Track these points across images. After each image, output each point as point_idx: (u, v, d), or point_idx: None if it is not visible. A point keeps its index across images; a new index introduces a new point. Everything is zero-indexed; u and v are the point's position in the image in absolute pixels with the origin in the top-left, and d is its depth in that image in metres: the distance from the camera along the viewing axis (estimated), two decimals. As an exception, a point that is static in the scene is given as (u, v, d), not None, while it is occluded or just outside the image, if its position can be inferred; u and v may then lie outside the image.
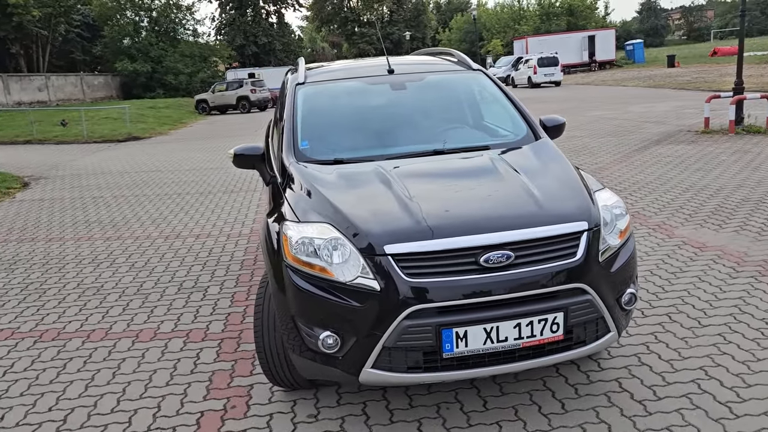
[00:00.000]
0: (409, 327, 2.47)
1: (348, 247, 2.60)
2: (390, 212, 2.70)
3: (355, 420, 2.94)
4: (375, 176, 3.07)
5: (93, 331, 4.24)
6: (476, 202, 2.77)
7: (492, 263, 2.50)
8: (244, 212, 7.62)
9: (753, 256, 4.75)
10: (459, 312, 2.50)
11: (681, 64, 40.37)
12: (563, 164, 3.20)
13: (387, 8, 54.35)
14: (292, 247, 2.72)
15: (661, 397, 2.93)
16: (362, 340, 2.55)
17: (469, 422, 2.86)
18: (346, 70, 4.26)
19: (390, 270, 2.51)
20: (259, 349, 3.03)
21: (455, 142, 3.52)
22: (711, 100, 11.87)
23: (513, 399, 3.02)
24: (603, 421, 2.78)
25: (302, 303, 2.69)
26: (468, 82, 4.11)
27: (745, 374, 3.08)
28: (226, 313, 4.38)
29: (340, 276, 2.58)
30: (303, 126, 3.63)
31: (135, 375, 3.55)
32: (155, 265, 5.68)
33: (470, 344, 2.50)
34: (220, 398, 3.23)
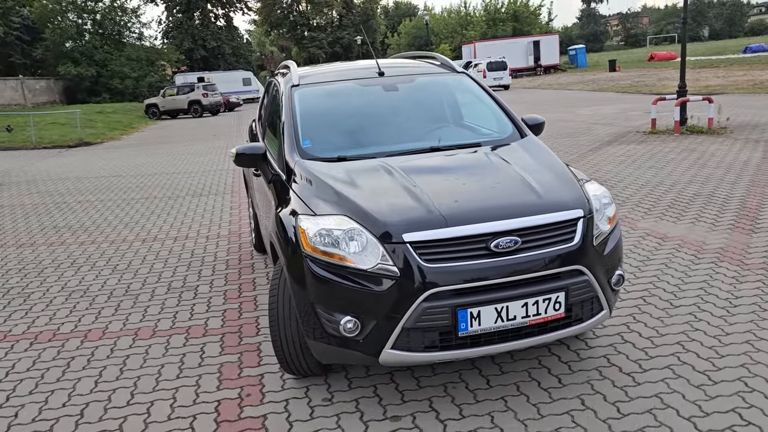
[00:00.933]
0: (428, 308, 2.68)
1: (366, 237, 2.78)
2: (403, 203, 2.90)
3: (368, 401, 3.12)
4: (382, 171, 3.27)
5: (89, 331, 4.28)
6: (482, 193, 2.99)
7: (501, 248, 2.73)
8: (218, 215, 7.67)
9: (710, 245, 5.16)
10: (472, 293, 2.71)
11: (621, 69, 41.96)
12: (552, 158, 3.47)
13: (336, 12, 54.54)
14: (310, 238, 2.89)
15: (646, 369, 3.22)
16: (382, 323, 2.74)
17: (476, 398, 3.08)
18: (337, 73, 4.44)
19: (408, 256, 2.71)
20: (275, 338, 3.18)
21: (448, 140, 3.75)
22: (657, 102, 12.53)
23: (513, 377, 3.25)
24: (598, 392, 3.04)
25: (322, 290, 2.85)
26: (454, 84, 4.35)
27: (717, 346, 3.40)
28: (221, 310, 4.48)
29: (360, 263, 2.76)
30: (303, 126, 3.78)
31: (143, 370, 3.63)
32: (138, 267, 5.70)
33: (483, 323, 2.72)
34: (233, 387, 3.35)
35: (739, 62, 35.58)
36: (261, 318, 4.28)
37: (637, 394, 2.99)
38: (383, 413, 3.01)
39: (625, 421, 2.80)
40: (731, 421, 2.75)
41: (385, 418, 2.96)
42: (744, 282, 4.31)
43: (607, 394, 3.02)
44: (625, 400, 2.96)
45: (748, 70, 29.50)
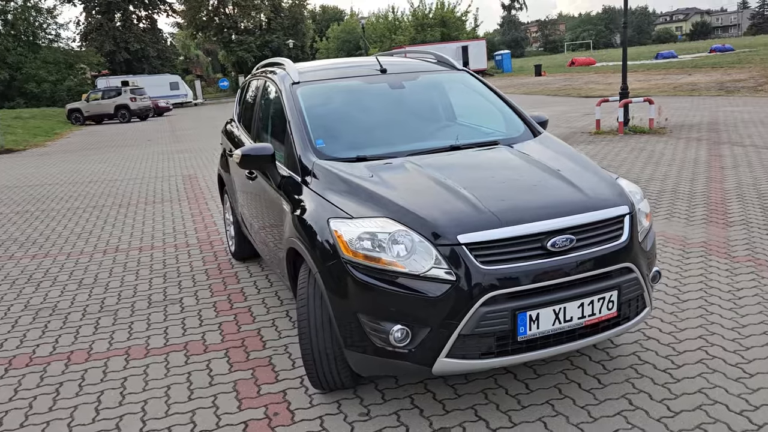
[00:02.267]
0: (487, 313, 2.54)
1: (415, 239, 2.62)
2: (449, 203, 2.76)
3: (409, 414, 2.95)
4: (411, 170, 3.12)
5: (71, 353, 3.89)
6: (527, 192, 2.89)
7: (558, 247, 2.63)
8: (180, 223, 7.26)
9: (693, 239, 5.28)
10: (530, 295, 2.60)
11: (547, 73, 43.36)
12: (579, 155, 3.42)
13: (265, 16, 53.56)
14: (352, 243, 2.70)
15: (679, 364, 3.21)
16: (436, 330, 2.58)
17: (521, 404, 2.97)
18: (336, 70, 4.24)
19: (464, 259, 2.57)
20: (306, 351, 2.97)
21: (465, 138, 3.63)
22: (601, 103, 12.92)
23: (551, 380, 3.17)
24: (641, 390, 3.00)
25: (367, 298, 2.67)
26: (459, 81, 4.25)
27: (738, 339, 3.44)
28: (216, 323, 4.19)
29: (411, 268, 2.60)
30: (312, 125, 3.57)
31: (147, 393, 3.32)
32: (107, 280, 5.28)
33: (541, 326, 2.61)
34: (256, 407, 3.10)
35: (655, 67, 37.41)
36: (263, 330, 4.02)
37: (681, 390, 2.97)
38: (429, 425, 2.85)
39: (676, 419, 2.77)
40: (782, 412, 2.76)
41: (434, 430, 2.80)
42: (738, 275, 4.41)
43: (652, 393, 2.98)
44: (671, 397, 2.93)
45: (665, 75, 31.06)
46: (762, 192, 6.75)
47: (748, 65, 30.90)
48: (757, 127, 11.61)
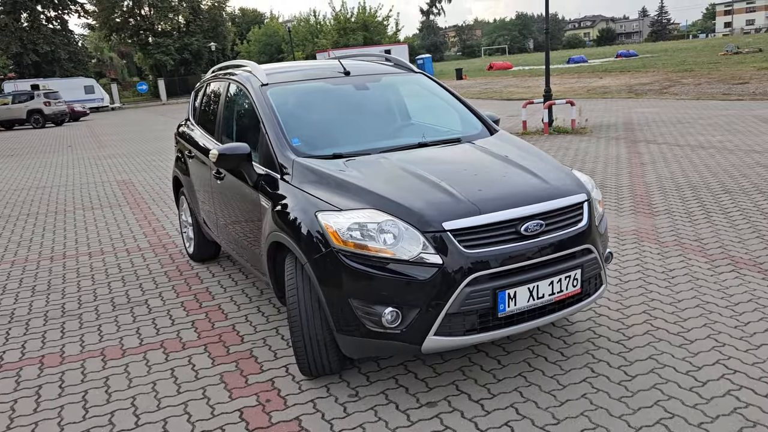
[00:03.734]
0: (471, 293, 2.80)
1: (403, 228, 2.84)
2: (430, 194, 2.99)
3: (396, 392, 3.17)
4: (389, 165, 3.33)
5: (43, 357, 3.86)
6: (498, 182, 3.17)
7: (530, 232, 2.93)
8: (125, 228, 7.15)
9: (625, 228, 5.77)
10: (508, 275, 2.88)
11: (467, 77, 44.63)
12: (536, 150, 3.75)
13: (183, 18, 52.24)
14: (342, 233, 2.89)
15: (629, 336, 3.59)
16: (425, 311, 2.81)
17: (496, 377, 3.25)
18: (301, 72, 4.39)
19: (449, 244, 2.81)
20: (297, 338, 3.13)
21: (431, 136, 3.89)
22: (527, 105, 13.59)
23: (519, 356, 3.46)
24: (600, 360, 3.34)
25: (359, 284, 2.87)
26: (417, 83, 4.51)
27: (678, 312, 3.87)
28: (188, 322, 4.25)
29: (401, 254, 2.82)
30: (285, 125, 3.72)
31: (135, 389, 3.37)
32: (63, 286, 5.20)
33: (518, 303, 2.90)
34: (247, 395, 3.23)
35: (568, 71, 39.32)
36: (237, 325, 4.12)
37: (635, 358, 3.33)
38: (417, 401, 3.07)
39: (634, 382, 3.12)
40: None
41: (421, 405, 3.03)
42: (669, 257, 4.90)
43: (609, 361, 3.33)
44: (626, 364, 3.28)
45: (578, 78, 32.74)
46: (679, 184, 7.40)
47: (652, 69, 33.02)
48: (667, 127, 12.56)
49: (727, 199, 6.54)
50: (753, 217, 5.84)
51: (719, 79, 23.58)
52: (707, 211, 6.16)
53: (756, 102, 16.03)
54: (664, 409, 2.85)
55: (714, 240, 5.25)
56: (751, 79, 22.62)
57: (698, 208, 6.30)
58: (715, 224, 5.70)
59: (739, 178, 7.47)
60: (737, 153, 9.15)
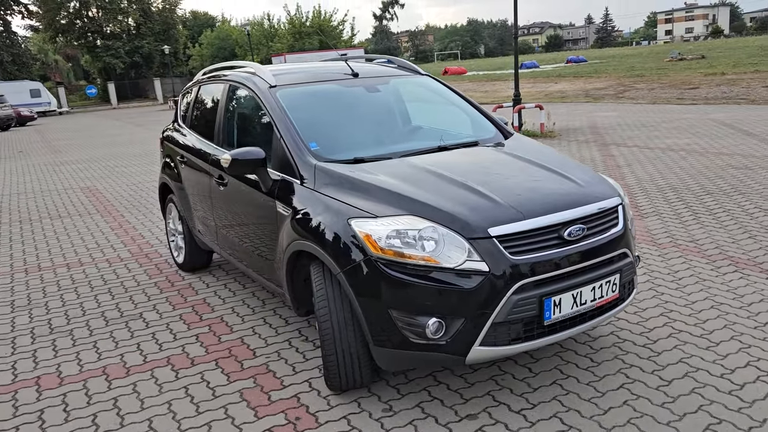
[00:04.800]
0: (518, 300, 2.71)
1: (446, 234, 2.73)
2: (470, 199, 2.89)
3: (432, 405, 3.04)
4: (417, 170, 3.21)
5: (38, 378, 3.59)
6: (534, 186, 3.08)
7: (572, 236, 2.86)
8: (101, 237, 6.81)
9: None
10: (553, 282, 2.80)
11: (424, 81, 44.77)
12: (559, 153, 3.69)
13: (133, 20, 50.79)
14: (382, 241, 2.76)
15: (654, 339, 3.57)
16: (471, 320, 2.70)
17: (531, 386, 3.16)
18: (309, 73, 4.23)
19: (495, 251, 2.71)
20: (329, 351, 2.97)
21: (448, 139, 3.79)
22: (497, 109, 13.66)
23: (549, 363, 3.39)
24: (632, 365, 3.30)
25: (401, 294, 2.74)
26: (426, 85, 4.40)
27: (695, 314, 3.88)
28: (192, 336, 4.03)
29: (445, 262, 2.70)
30: (300, 128, 3.57)
31: (149, 411, 3.15)
32: (44, 300, 4.88)
33: (563, 310, 2.82)
34: (274, 413, 3.05)
35: (522, 76, 39.81)
36: (245, 338, 3.93)
37: (666, 362, 3.31)
38: (455, 414, 2.96)
39: (671, 387, 3.09)
40: (755, 372, 3.15)
41: (461, 418, 2.92)
42: (671, 259, 4.93)
43: (641, 366, 3.29)
44: (659, 368, 3.25)
45: (534, 83, 33.32)
46: (660, 186, 7.52)
47: (604, 75, 33.89)
48: (632, 130, 12.83)
49: (710, 200, 6.66)
50: (739, 217, 5.96)
51: (670, 85, 24.34)
52: (694, 212, 6.26)
53: (709, 106, 16.55)
54: (709, 414, 2.82)
55: (709, 241, 5.31)
56: (700, 84, 23.41)
57: (685, 209, 6.40)
58: (705, 225, 5.79)
59: (715, 180, 7.64)
60: (707, 155, 9.38)
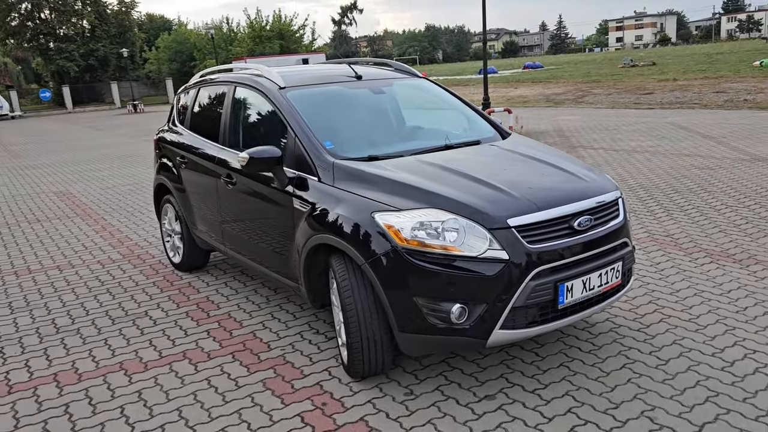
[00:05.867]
0: (536, 286, 2.91)
1: (468, 225, 2.92)
2: (487, 192, 3.08)
3: (451, 388, 3.22)
4: (430, 166, 3.40)
5: (55, 375, 3.62)
6: (542, 181, 3.30)
7: (582, 226, 3.08)
8: (87, 240, 6.77)
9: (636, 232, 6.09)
10: (566, 269, 3.02)
11: (386, 86, 45.13)
12: (557, 150, 3.92)
13: (88, 23, 49.63)
14: (406, 232, 2.93)
15: (647, 324, 3.83)
16: (492, 306, 2.89)
17: (540, 368, 3.38)
18: (314, 75, 4.36)
19: (514, 240, 2.91)
20: (355, 339, 3.12)
21: (452, 139, 3.98)
22: (466, 113, 13.97)
23: (556, 347, 3.61)
24: (636, 360, 3.55)
25: (425, 282, 2.91)
26: (424, 87, 4.59)
27: (681, 300, 4.16)
28: (203, 331, 4.12)
29: (468, 251, 2.89)
30: (314, 128, 3.71)
31: (176, 402, 3.24)
32: (43, 301, 4.87)
33: (574, 294, 3.04)
34: (300, 400, 3.19)
35: (482, 81, 40.65)
36: (257, 333, 4.04)
37: (665, 350, 3.56)
38: (474, 395, 3.14)
39: (676, 380, 3.34)
40: (742, 351, 3.43)
41: (480, 399, 3.11)
42: (651, 252, 5.24)
43: (640, 348, 3.54)
44: (655, 349, 3.50)
45: (494, 88, 33.87)
46: (631, 185, 7.90)
47: (561, 80, 34.83)
48: (596, 133, 13.31)
49: (679, 198, 7.04)
50: (708, 213, 6.33)
51: (626, 90, 25.22)
52: (666, 209, 6.62)
53: (665, 110, 17.26)
54: (717, 406, 2.96)
55: (683, 235, 5.65)
56: (654, 90, 24.32)
57: (657, 206, 6.75)
58: (678, 221, 6.14)
59: (681, 179, 8.07)
60: (670, 156, 9.85)
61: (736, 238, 5.44)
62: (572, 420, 2.89)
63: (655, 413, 2.91)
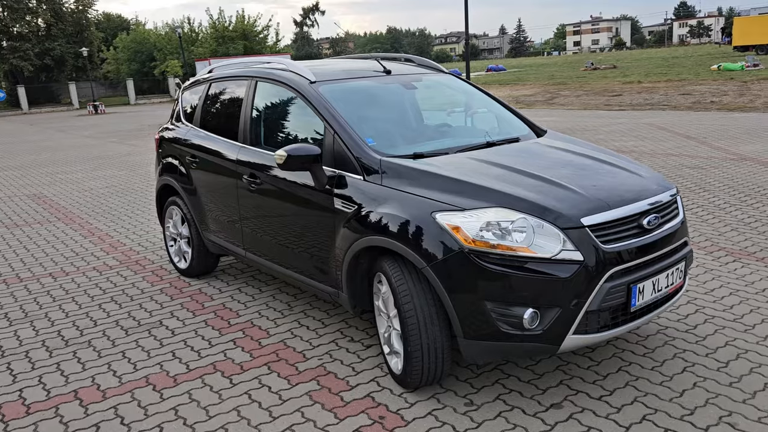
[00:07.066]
0: (611, 288, 2.77)
1: (539, 225, 2.76)
2: (553, 191, 2.93)
3: (511, 396, 3.06)
4: (483, 164, 3.23)
5: (76, 392, 3.33)
6: (603, 178, 3.16)
7: (651, 225, 2.96)
8: (76, 245, 6.39)
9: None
10: (637, 270, 2.89)
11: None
12: (599, 147, 3.80)
13: (43, 21, 47.93)
14: (473, 233, 2.76)
15: (694, 325, 3.74)
16: (566, 309, 2.74)
17: (598, 373, 3.24)
18: (344, 70, 4.14)
19: (589, 240, 2.77)
20: (415, 348, 2.93)
21: (493, 135, 3.83)
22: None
23: (607, 351, 3.49)
24: (638, 367, 3.45)
25: (496, 286, 2.74)
26: (454, 84, 4.43)
27: (719, 300, 4.10)
28: (228, 341, 3.86)
29: (541, 252, 2.73)
30: (353, 124, 3.50)
31: (219, 419, 2.99)
32: (42, 311, 4.53)
33: (645, 296, 2.92)
34: (355, 414, 2.98)
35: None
36: (288, 341, 3.81)
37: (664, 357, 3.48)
38: (539, 404, 2.99)
39: (673, 382, 3.25)
40: None
41: (546, 408, 2.96)
42: (670, 251, 5.17)
43: (641, 362, 3.44)
44: (652, 351, 3.41)
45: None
46: (629, 185, 7.88)
47: (528, 83, 35.19)
48: (577, 134, 13.37)
49: (682, 198, 7.05)
50: (714, 212, 6.34)
51: (594, 92, 25.58)
52: (672, 208, 6.60)
53: (637, 111, 17.52)
54: (718, 407, 2.88)
55: (697, 233, 5.62)
56: (623, 92, 24.73)
57: (662, 206, 6.73)
58: (687, 219, 6.11)
59: (677, 179, 8.10)
60: (658, 156, 9.93)
61: (751, 236, 5.43)
62: (650, 429, 2.76)
63: (733, 418, 2.80)
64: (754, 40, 44.12)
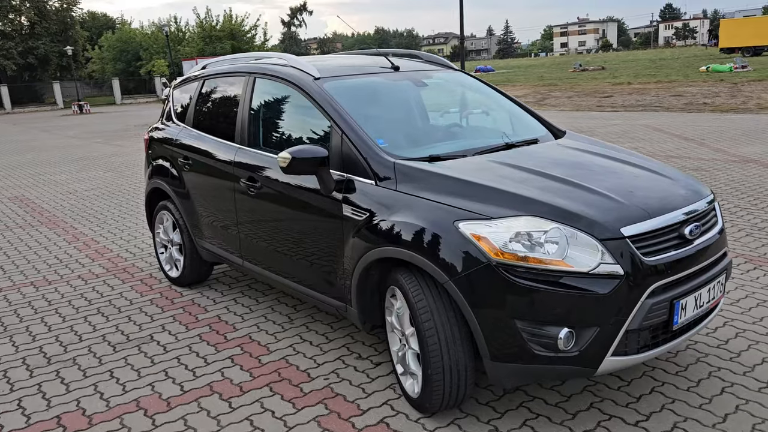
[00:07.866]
0: (653, 305, 2.52)
1: (574, 236, 2.50)
2: (588, 198, 2.67)
3: (539, 422, 2.80)
4: (510, 168, 2.96)
5: (59, 418, 3.02)
6: (640, 184, 2.90)
7: (692, 235, 2.70)
8: (61, 251, 6.06)
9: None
10: (679, 284, 2.63)
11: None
12: (624, 148, 3.55)
13: (27, 19, 47.09)
14: (501, 244, 2.49)
15: (725, 340, 3.50)
16: (605, 329, 2.48)
17: (630, 394, 2.99)
18: (350, 66, 3.87)
19: (629, 252, 2.51)
20: (436, 370, 2.66)
21: (512, 136, 3.57)
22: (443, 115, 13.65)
23: (637, 369, 3.24)
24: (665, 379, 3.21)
25: (526, 302, 2.48)
26: (465, 81, 4.16)
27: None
28: (225, 358, 3.57)
29: (577, 266, 2.47)
30: (362, 123, 3.23)
31: (218, 450, 2.70)
32: (24, 324, 4.21)
33: (687, 313, 2.66)
34: (369, 443, 2.70)
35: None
36: (290, 359, 3.52)
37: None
38: (570, 430, 2.73)
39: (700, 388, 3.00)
40: None
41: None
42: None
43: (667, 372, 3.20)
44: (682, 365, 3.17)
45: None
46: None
47: (518, 84, 35.05)
48: (574, 135, 13.18)
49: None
50: (725, 216, 6.13)
51: (585, 93, 25.47)
52: (681, 212, 6.38)
53: (631, 113, 17.39)
54: (750, 414, 2.72)
55: (712, 240, 5.39)
56: (613, 93, 24.65)
57: (670, 209, 6.51)
58: (699, 225, 5.90)
59: (681, 181, 7.90)
60: (658, 158, 9.73)
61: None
62: (696, 459, 2.51)
63: (784, 447, 2.56)
64: (741, 42, 44.38)
